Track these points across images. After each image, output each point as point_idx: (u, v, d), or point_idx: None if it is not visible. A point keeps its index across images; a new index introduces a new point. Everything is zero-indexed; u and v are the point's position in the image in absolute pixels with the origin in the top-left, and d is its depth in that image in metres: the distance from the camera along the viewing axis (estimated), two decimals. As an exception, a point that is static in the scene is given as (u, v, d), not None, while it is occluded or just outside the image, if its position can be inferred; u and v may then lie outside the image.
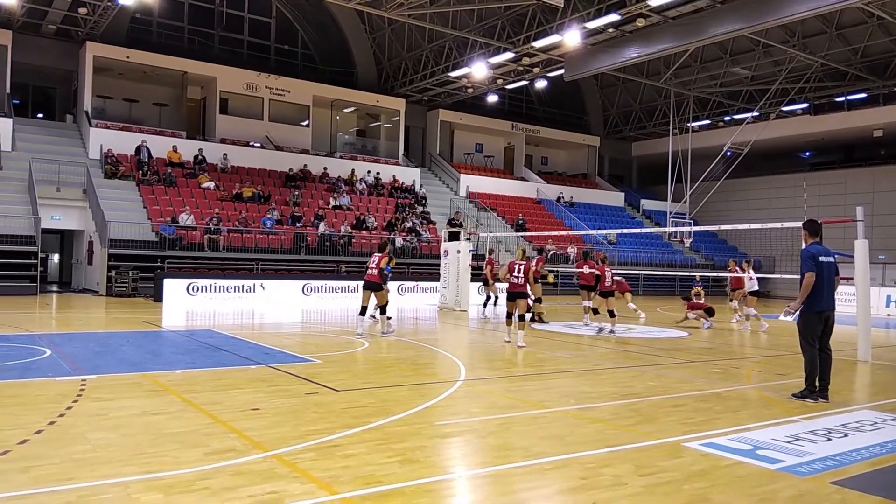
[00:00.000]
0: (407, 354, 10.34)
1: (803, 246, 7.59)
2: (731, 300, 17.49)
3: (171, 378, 7.69)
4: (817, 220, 8.10)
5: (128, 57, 27.11)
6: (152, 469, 4.38)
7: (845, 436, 5.79)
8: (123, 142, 25.99)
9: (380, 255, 12.58)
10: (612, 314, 14.27)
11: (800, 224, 12.66)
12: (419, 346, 11.16)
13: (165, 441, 5.04)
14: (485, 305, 17.68)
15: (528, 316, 12.26)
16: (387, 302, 12.65)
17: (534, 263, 13.82)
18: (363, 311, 12.35)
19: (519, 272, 11.76)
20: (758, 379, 8.95)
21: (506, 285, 11.96)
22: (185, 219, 22.84)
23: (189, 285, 19.44)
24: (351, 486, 4.16)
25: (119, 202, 23.14)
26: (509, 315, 11.92)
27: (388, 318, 12.70)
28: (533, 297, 14.82)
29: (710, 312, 16.41)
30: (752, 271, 16.48)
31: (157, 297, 19.17)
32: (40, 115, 29.03)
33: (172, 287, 19.18)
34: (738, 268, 17.02)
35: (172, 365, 8.57)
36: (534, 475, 4.55)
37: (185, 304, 18.79)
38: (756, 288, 16.32)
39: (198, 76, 29.37)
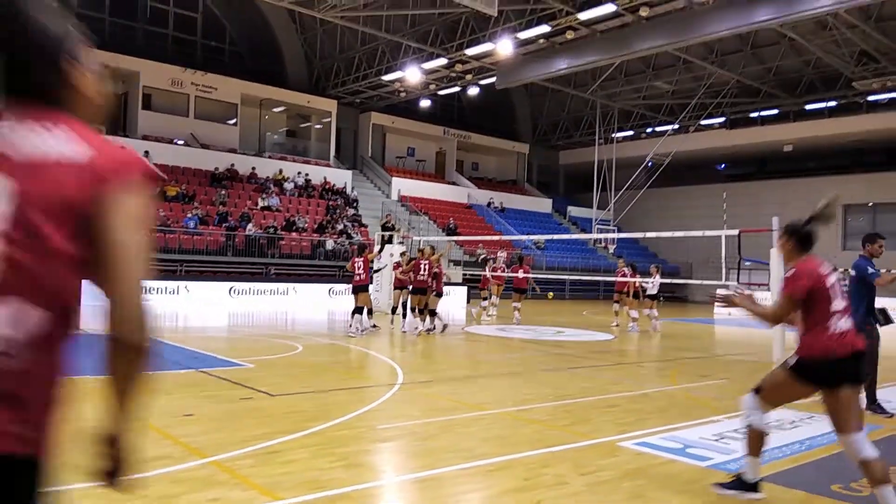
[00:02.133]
0: (342, 358, 10.25)
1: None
2: (615, 301, 18.15)
3: (94, 383, 7.34)
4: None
5: (41, 47, 25.74)
6: (85, 477, 4.19)
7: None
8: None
9: (362, 258, 13.13)
10: (432, 313, 14.25)
11: (722, 233, 13.30)
12: (354, 350, 11.07)
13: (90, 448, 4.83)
14: (393, 312, 14.95)
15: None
16: (369, 305, 13.37)
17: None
18: (360, 311, 12.98)
19: (425, 270, 13.26)
20: (683, 380, 9.32)
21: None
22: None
23: (108, 287, 18.59)
24: (294, 492, 4.10)
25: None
26: (413, 308, 13.56)
27: (371, 322, 13.61)
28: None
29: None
30: (658, 276, 17.01)
31: (74, 298, 18.26)
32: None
33: (89, 288, 18.28)
34: (625, 269, 17.65)
35: (93, 370, 8.16)
36: (479, 476, 4.60)
37: (100, 305, 17.96)
38: (655, 292, 16.95)
39: (119, 70, 28.21)
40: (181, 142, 28.98)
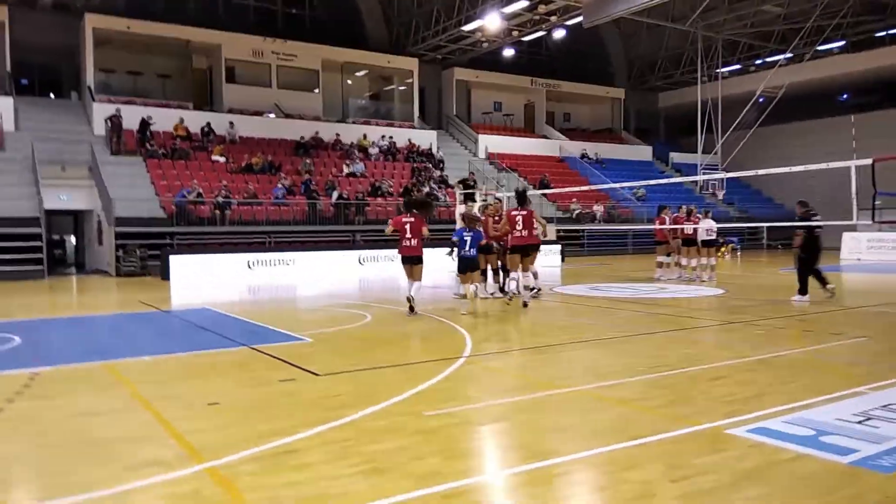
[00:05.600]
0: (409, 329, 9.31)
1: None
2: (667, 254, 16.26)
3: (134, 367, 6.78)
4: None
5: (128, 27, 26.14)
6: (51, 493, 3.46)
7: (931, 413, 4.66)
8: (128, 116, 25.13)
9: (415, 220, 10.39)
10: (507, 272, 12.44)
11: (852, 163, 11.34)
12: (426, 318, 10.09)
13: (85, 452, 4.12)
14: (502, 282, 12.85)
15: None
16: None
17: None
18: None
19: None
20: (809, 341, 7.79)
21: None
22: (193, 193, 22.01)
23: (198, 261, 18.66)
24: (293, 512, 3.20)
25: (125, 178, 22.39)
26: (505, 269, 12.42)
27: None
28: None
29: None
30: (709, 220, 15.66)
31: (164, 275, 18.45)
32: (51, 95, 28.28)
33: (180, 263, 18.42)
34: (669, 216, 15.86)
35: (142, 351, 7.65)
36: (535, 486, 3.52)
37: (192, 280, 18.02)
38: (706, 238, 15.50)
39: (202, 44, 28.34)
40: (270, 114, 28.84)
